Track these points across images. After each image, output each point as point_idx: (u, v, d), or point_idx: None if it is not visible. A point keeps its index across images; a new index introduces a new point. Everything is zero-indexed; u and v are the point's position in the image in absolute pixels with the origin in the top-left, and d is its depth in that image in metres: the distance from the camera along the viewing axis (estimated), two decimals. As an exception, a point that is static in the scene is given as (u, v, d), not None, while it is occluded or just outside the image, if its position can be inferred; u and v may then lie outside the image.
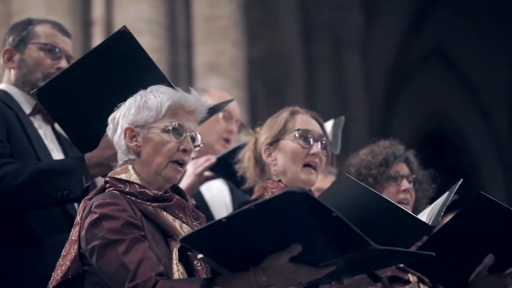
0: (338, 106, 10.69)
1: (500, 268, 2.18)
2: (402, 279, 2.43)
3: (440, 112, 13.28)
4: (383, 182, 2.58)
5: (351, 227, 1.56)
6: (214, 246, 1.68)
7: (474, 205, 2.12)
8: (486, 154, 13.20)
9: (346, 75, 11.18)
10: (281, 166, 2.31)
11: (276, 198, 1.56)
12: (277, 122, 2.36)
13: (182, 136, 1.95)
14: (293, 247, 1.63)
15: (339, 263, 1.67)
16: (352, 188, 1.89)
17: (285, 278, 1.69)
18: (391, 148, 2.64)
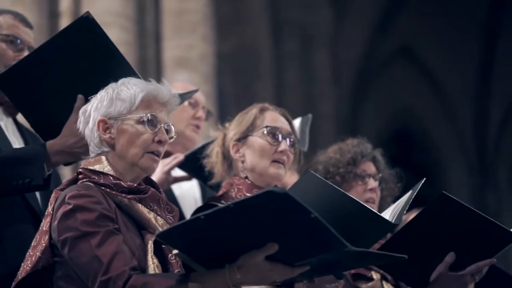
0: (307, 103, 10.74)
1: (461, 266, 2.21)
2: (366, 276, 2.45)
3: (407, 111, 13.43)
4: (350, 181, 2.60)
5: (328, 228, 1.58)
6: (190, 243, 1.68)
7: (436, 204, 2.15)
8: (451, 153, 13.39)
9: (314, 72, 11.23)
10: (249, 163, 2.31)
11: (255, 198, 1.57)
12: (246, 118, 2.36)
13: (157, 127, 1.94)
14: (269, 246, 1.64)
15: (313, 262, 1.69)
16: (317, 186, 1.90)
17: (260, 276, 1.70)
18: (359, 147, 2.66)
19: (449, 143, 13.39)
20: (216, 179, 2.39)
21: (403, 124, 13.51)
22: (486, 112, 13.32)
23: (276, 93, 10.57)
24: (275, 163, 2.30)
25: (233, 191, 2.28)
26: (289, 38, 11.09)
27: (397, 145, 12.75)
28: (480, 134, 13.37)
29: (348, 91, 12.52)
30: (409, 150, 13.04)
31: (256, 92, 10.06)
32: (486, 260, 2.21)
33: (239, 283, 1.71)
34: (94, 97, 1.99)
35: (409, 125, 13.55)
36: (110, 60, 2.20)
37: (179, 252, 1.72)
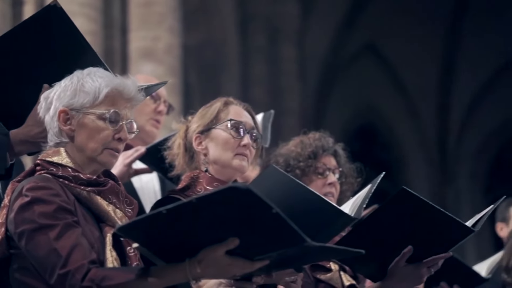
0: (273, 97, 10.76)
1: (418, 259, 2.26)
2: (324, 267, 2.49)
3: (371, 107, 13.57)
4: (310, 175, 2.62)
5: (289, 224, 1.60)
6: (150, 236, 1.68)
7: (396, 198, 2.19)
8: (412, 150, 13.58)
9: (281, 66, 11.26)
10: (212, 155, 2.32)
11: (218, 193, 1.58)
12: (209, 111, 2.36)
13: (118, 124, 1.92)
14: (230, 240, 1.65)
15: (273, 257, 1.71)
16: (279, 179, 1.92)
17: (220, 270, 1.71)
18: (320, 141, 2.68)
19: (411, 139, 13.58)
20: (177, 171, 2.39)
21: (367, 120, 13.65)
22: (447, 109, 13.54)
23: (242, 87, 10.58)
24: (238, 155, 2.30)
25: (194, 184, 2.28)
26: (256, 32, 11.10)
27: (361, 141, 12.88)
28: (441, 131, 13.59)
29: (314, 86, 12.60)
30: (372, 146, 13.18)
31: (222, 85, 10.05)
32: (442, 254, 2.26)
33: (199, 277, 1.72)
34: (58, 84, 1.96)
35: (372, 121, 13.70)
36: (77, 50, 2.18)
37: (139, 245, 1.72)
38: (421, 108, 13.52)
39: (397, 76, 13.47)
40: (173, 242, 1.69)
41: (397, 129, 13.65)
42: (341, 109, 13.06)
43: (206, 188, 2.26)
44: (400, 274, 2.26)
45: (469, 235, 2.22)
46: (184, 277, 1.71)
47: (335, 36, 12.86)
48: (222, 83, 10.13)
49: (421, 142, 13.62)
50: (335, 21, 12.82)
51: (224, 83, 10.15)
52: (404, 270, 2.26)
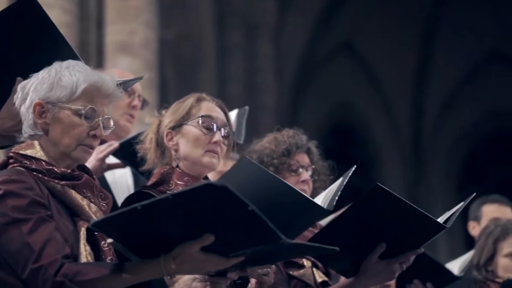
0: (249, 93, 10.77)
1: (390, 255, 2.28)
2: (297, 263, 2.50)
3: (347, 105, 13.64)
4: (284, 172, 2.62)
5: (265, 221, 1.60)
6: (125, 232, 1.68)
7: (370, 195, 2.20)
8: (387, 148, 13.69)
9: (257, 63, 11.26)
10: (183, 151, 2.31)
11: (194, 190, 1.58)
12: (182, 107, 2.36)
13: (94, 121, 1.90)
14: (205, 237, 1.65)
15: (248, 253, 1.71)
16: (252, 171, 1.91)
17: (195, 267, 1.70)
18: (294, 138, 2.68)
19: (386, 137, 13.69)
20: (148, 165, 2.38)
21: (343, 117, 13.72)
22: (422, 108, 13.67)
23: (219, 83, 10.56)
24: (209, 152, 2.30)
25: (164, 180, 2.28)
26: (233, 28, 11.09)
27: (336, 138, 12.95)
28: (416, 130, 13.72)
29: (290, 83, 12.63)
30: (347, 144, 13.26)
31: (199, 81, 10.02)
32: (414, 250, 2.28)
33: (174, 273, 1.71)
34: (36, 75, 1.93)
35: (348, 119, 13.78)
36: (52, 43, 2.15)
37: (113, 241, 1.71)
38: (396, 107, 13.63)
39: (373, 75, 13.56)
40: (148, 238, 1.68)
41: (372, 127, 13.74)
42: (317, 107, 13.12)
43: (177, 183, 2.26)
44: (373, 270, 2.28)
45: (440, 232, 2.24)
46: (159, 273, 1.70)
47: (312, 34, 12.90)
48: (198, 78, 10.10)
49: (396, 140, 13.73)
50: (312, 19, 12.86)
51: (201, 79, 10.12)
52: (377, 266, 2.28)
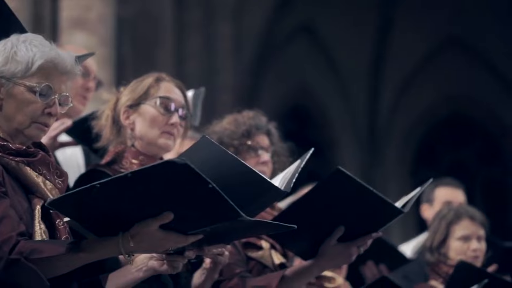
0: (207, 73, 10.70)
1: (349, 238, 2.31)
2: (256, 245, 2.51)
3: (304, 87, 13.69)
4: (244, 153, 2.63)
5: (225, 199, 1.60)
6: (82, 211, 1.65)
7: (331, 179, 2.21)
8: (344, 131, 13.81)
9: (216, 43, 11.19)
10: (139, 131, 2.29)
11: (154, 167, 1.56)
12: (140, 86, 2.33)
13: (50, 98, 1.85)
14: (164, 215, 1.64)
15: (207, 231, 1.71)
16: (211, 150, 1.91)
17: (153, 245, 1.70)
18: (254, 120, 2.69)
19: (343, 121, 13.81)
20: (103, 142, 2.35)
21: (300, 100, 13.77)
22: (378, 92, 13.82)
23: (177, 61, 10.46)
24: (165, 133, 2.28)
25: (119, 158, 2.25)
26: (192, 6, 10.97)
27: (293, 121, 13.00)
28: (372, 114, 13.87)
29: (249, 64, 12.59)
30: (304, 126, 13.33)
31: (156, 59, 9.91)
32: (372, 234, 2.31)
33: (132, 251, 1.70)
34: None
35: (305, 101, 13.84)
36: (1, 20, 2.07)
37: (70, 220, 1.69)
38: (353, 90, 13.75)
39: (330, 57, 13.63)
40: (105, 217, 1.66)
41: (329, 110, 13.84)
42: (275, 88, 13.13)
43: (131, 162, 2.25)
44: (331, 253, 2.31)
45: (398, 216, 2.27)
46: (117, 251, 1.69)
47: (271, 16, 12.87)
48: (156, 56, 9.98)
49: (352, 124, 13.87)
50: (272, 0, 12.82)
51: (158, 57, 10.00)
52: (335, 249, 2.30)
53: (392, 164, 13.75)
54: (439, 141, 14.22)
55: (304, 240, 2.34)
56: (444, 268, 3.42)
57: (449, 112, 14.06)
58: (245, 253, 2.49)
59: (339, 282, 2.93)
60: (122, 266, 2.00)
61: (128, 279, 1.93)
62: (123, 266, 2.00)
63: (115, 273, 1.94)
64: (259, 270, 2.49)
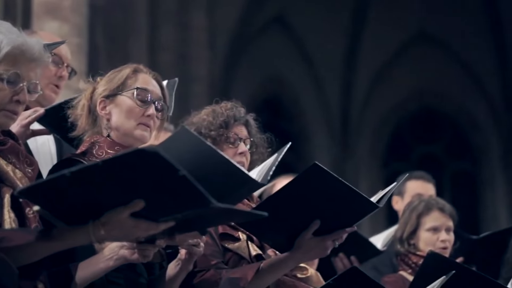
0: (181, 63, 10.65)
1: (324, 232, 2.33)
2: (233, 236, 2.52)
3: (278, 79, 13.71)
4: (222, 144, 2.63)
5: (195, 186, 1.60)
6: (53, 199, 1.65)
7: (308, 173, 2.24)
8: (316, 123, 13.87)
9: (190, 33, 11.13)
10: (115, 122, 2.28)
11: (125, 156, 1.56)
12: (117, 76, 2.32)
13: (18, 85, 1.83)
14: (135, 202, 1.64)
15: (178, 219, 1.70)
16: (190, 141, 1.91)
17: (124, 232, 1.69)
18: (232, 110, 2.69)
19: (315, 112, 13.87)
20: (78, 132, 2.34)
21: (273, 91, 13.79)
22: (351, 84, 13.90)
23: (150, 51, 10.39)
24: (141, 125, 2.28)
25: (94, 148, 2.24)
26: (166, -4, 10.90)
27: (266, 112, 13.01)
28: (344, 106, 13.95)
29: (223, 55, 12.56)
30: (277, 117, 13.36)
31: (129, 48, 9.83)
32: (348, 228, 2.34)
33: (103, 239, 1.70)
34: None
35: (279, 92, 13.86)
36: None
37: (40, 208, 1.68)
38: (326, 82, 13.80)
39: (304, 50, 13.66)
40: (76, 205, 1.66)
41: (302, 102, 13.89)
42: (249, 80, 13.13)
43: (107, 152, 2.24)
44: (306, 246, 2.33)
45: (373, 211, 2.31)
46: (87, 239, 1.69)
47: (245, 6, 12.85)
48: (129, 46, 9.91)
49: (325, 115, 13.93)
50: (246, -10, 12.80)
51: (132, 47, 9.93)
52: (310, 242, 2.33)
53: (363, 157, 13.86)
54: (410, 135, 14.36)
55: (280, 233, 2.36)
56: (414, 258, 3.48)
57: (420, 106, 14.21)
58: (222, 244, 2.50)
59: (311, 272, 2.96)
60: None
61: (98, 268, 1.93)
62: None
63: (86, 262, 1.94)
64: (236, 261, 2.50)
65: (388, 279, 3.43)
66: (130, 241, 1.85)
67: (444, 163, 14.07)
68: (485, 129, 13.85)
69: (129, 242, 1.86)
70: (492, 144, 13.78)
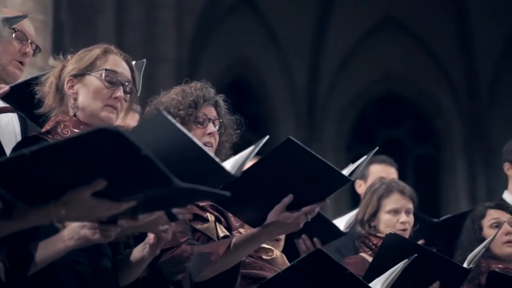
0: (148, 43, 10.55)
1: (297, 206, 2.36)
2: (202, 217, 2.54)
3: (246, 61, 13.68)
4: (190, 124, 2.63)
5: (157, 165, 1.60)
6: (12, 179, 1.63)
7: (281, 148, 2.26)
8: (283, 105, 13.90)
9: (158, 12, 11.02)
10: (81, 102, 2.27)
11: (86, 135, 1.55)
12: (87, 56, 2.30)
13: None
14: (97, 182, 1.63)
15: (140, 198, 1.70)
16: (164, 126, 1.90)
17: (85, 212, 1.68)
18: (201, 91, 2.69)
19: (282, 95, 13.89)
20: (45, 109, 2.32)
21: (241, 73, 13.77)
22: (318, 68, 13.95)
23: (117, 30, 10.26)
24: (108, 107, 2.27)
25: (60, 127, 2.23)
26: (133, -26, 10.76)
27: (233, 93, 12.99)
28: (311, 89, 14.01)
29: (190, 36, 12.47)
30: (244, 99, 13.35)
31: (96, 26, 9.69)
32: (320, 202, 2.37)
33: (64, 219, 1.69)
34: None
35: (246, 75, 13.84)
36: None
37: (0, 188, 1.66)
38: (293, 65, 13.82)
39: (272, 32, 13.64)
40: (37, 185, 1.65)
41: (270, 85, 13.89)
42: (216, 61, 13.07)
43: (72, 131, 2.22)
44: (279, 220, 2.36)
45: (346, 184, 2.34)
46: (48, 219, 1.68)
47: (213, -14, 12.76)
48: (96, 24, 9.77)
49: (292, 98, 13.97)
50: (214, -29, 12.70)
51: (98, 25, 9.79)
52: (283, 216, 2.36)
53: (329, 140, 13.96)
54: (375, 119, 14.51)
55: (253, 208, 2.38)
56: (374, 240, 3.55)
57: (385, 91, 14.35)
58: (191, 225, 2.51)
59: (276, 254, 3.00)
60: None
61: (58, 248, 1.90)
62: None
63: (46, 241, 1.92)
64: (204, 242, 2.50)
65: (349, 261, 3.49)
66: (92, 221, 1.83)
67: (407, 147, 14.27)
68: (448, 114, 14.07)
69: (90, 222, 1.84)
70: (454, 129, 14.01)
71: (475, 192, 13.27)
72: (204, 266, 2.38)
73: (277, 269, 2.81)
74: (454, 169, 13.91)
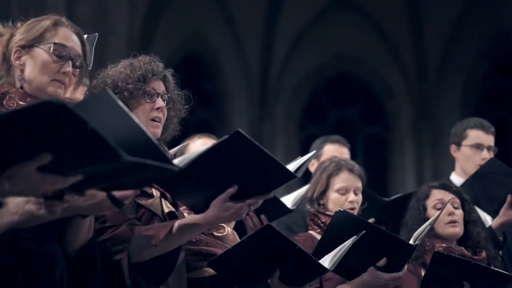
0: (99, 17, 10.35)
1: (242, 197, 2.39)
2: (147, 193, 2.53)
3: (199, 37, 13.57)
4: (139, 98, 2.60)
5: (105, 139, 1.59)
6: None
7: (230, 140, 2.28)
8: (236, 84, 13.88)
9: (110, -15, 10.81)
10: (28, 74, 2.21)
11: (30, 108, 1.52)
12: (36, 27, 2.24)
13: None
14: (42, 156, 1.60)
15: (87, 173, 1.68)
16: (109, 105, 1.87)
17: (30, 187, 1.65)
18: (150, 65, 2.66)
19: (235, 73, 13.86)
20: None
21: (194, 49, 13.66)
22: (272, 46, 13.95)
23: (68, 3, 10.03)
24: (55, 81, 2.22)
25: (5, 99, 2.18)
26: None
27: (186, 70, 12.90)
28: (264, 67, 14.01)
29: (143, 10, 12.29)
30: (197, 76, 13.27)
31: None
32: (264, 194, 2.40)
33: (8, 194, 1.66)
34: None
35: (199, 51, 13.74)
36: None
37: None
38: (247, 43, 13.78)
39: (225, 8, 13.55)
40: None
41: (223, 62, 13.83)
42: (169, 37, 12.93)
43: (18, 104, 2.18)
44: (221, 208, 2.37)
45: (291, 180, 2.39)
46: None
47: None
48: (45, -4, 9.51)
49: (245, 77, 13.95)
50: None
51: (48, -3, 9.54)
52: (226, 205, 2.37)
53: (281, 119, 14.02)
54: (326, 99, 14.63)
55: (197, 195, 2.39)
56: (323, 218, 3.60)
57: (337, 71, 14.46)
58: (135, 200, 2.49)
59: (228, 231, 3.02)
60: None
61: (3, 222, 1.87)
62: None
63: None
64: (148, 218, 2.50)
65: (298, 238, 3.53)
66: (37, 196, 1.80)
67: (357, 127, 14.45)
68: (398, 96, 14.28)
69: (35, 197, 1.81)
70: (403, 110, 14.25)
71: (423, 173, 13.55)
72: (144, 248, 2.37)
73: (228, 246, 2.83)
74: (403, 150, 14.17)
